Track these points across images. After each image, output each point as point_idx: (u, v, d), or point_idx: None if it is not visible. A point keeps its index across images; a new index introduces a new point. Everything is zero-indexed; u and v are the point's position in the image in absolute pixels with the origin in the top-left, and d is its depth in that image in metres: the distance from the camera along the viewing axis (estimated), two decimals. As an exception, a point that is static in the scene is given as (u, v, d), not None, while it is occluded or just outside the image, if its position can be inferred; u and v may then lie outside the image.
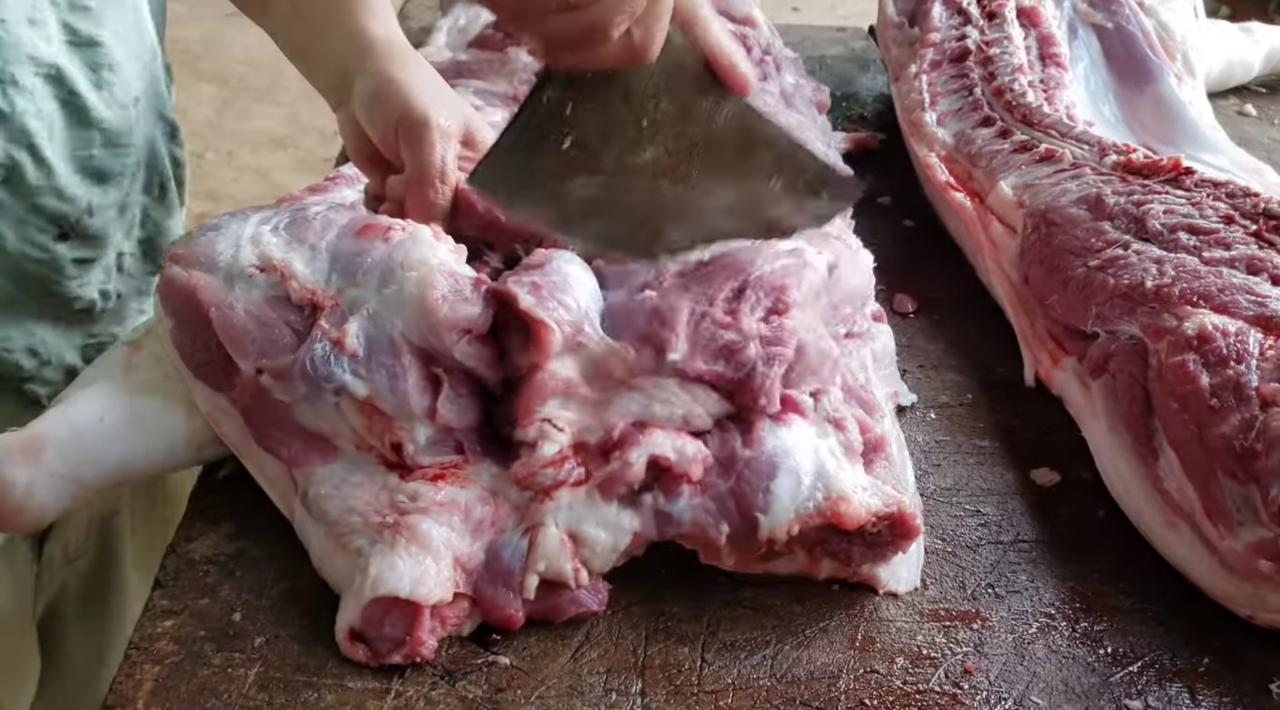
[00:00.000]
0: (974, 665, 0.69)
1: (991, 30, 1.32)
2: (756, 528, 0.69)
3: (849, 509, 0.69)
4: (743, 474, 0.70)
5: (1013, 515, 0.81)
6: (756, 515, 0.69)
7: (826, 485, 0.70)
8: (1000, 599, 0.74)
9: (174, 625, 0.67)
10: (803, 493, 0.70)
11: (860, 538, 0.71)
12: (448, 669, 0.66)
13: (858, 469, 0.73)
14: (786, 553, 0.72)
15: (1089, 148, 1.06)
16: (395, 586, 0.65)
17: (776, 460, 0.70)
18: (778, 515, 0.69)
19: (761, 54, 1.42)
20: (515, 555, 0.69)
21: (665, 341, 0.71)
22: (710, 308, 0.74)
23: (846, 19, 1.63)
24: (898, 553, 0.73)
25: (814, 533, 0.70)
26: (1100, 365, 0.87)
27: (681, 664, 0.67)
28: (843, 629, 0.71)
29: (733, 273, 0.76)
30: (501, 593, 0.68)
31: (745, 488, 0.70)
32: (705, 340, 0.73)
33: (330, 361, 0.69)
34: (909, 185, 1.25)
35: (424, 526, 0.68)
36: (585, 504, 0.70)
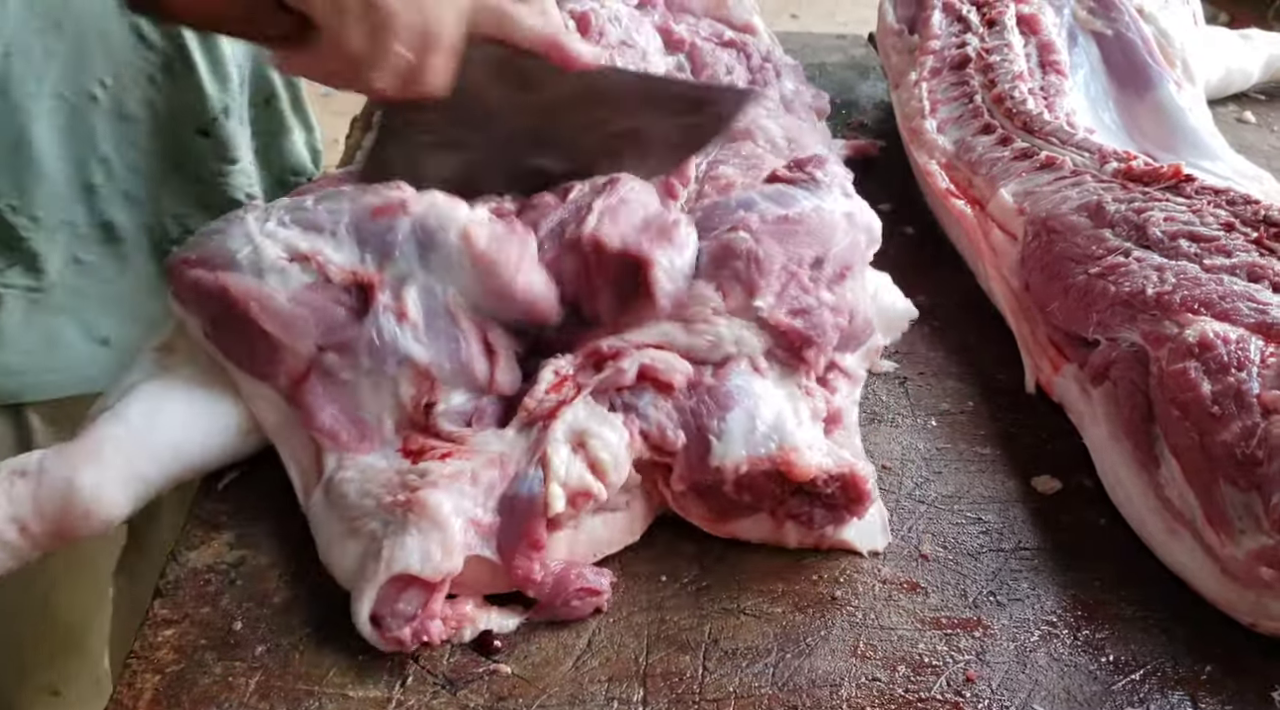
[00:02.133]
0: (976, 673, 0.69)
1: (991, 38, 1.32)
2: (709, 451, 0.73)
3: (799, 460, 0.73)
4: (703, 397, 0.76)
5: (1014, 523, 0.81)
6: (710, 438, 0.74)
7: (782, 436, 0.74)
8: (1002, 607, 0.74)
9: (175, 634, 0.66)
10: (757, 436, 0.74)
11: (819, 500, 0.74)
12: (449, 678, 0.66)
13: (816, 430, 0.77)
14: (746, 509, 0.75)
15: (1089, 155, 1.06)
16: (407, 563, 0.67)
17: (735, 396, 0.76)
18: (730, 447, 0.73)
19: (761, 61, 1.43)
20: (533, 484, 0.71)
21: (756, 287, 0.78)
22: (800, 268, 0.81)
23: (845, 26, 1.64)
24: (854, 517, 0.76)
25: (766, 481, 0.73)
26: (1101, 372, 0.87)
27: (683, 672, 0.67)
28: (844, 637, 0.71)
29: (816, 241, 0.84)
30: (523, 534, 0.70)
31: (704, 409, 0.75)
32: (791, 298, 0.80)
33: (395, 333, 0.74)
34: (909, 192, 1.25)
35: (433, 498, 0.69)
36: (585, 410, 0.74)
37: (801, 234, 0.82)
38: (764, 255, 0.79)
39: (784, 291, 0.79)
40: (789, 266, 0.80)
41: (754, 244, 0.79)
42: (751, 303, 0.78)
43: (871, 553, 0.76)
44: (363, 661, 0.66)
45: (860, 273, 0.86)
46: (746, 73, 1.40)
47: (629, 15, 1.36)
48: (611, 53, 1.30)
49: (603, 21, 1.31)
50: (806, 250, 0.82)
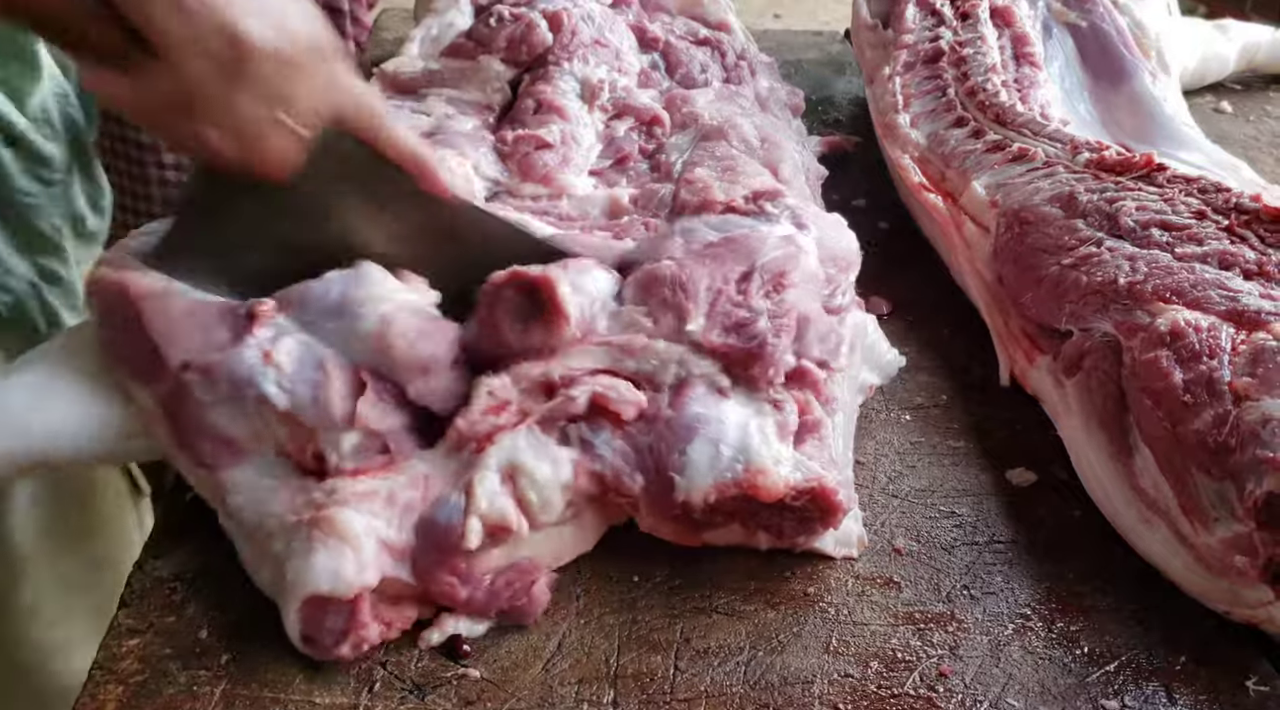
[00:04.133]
0: (949, 668, 0.68)
1: (965, 31, 1.32)
2: (672, 488, 0.72)
3: (766, 481, 0.71)
4: (661, 432, 0.74)
5: (988, 516, 0.80)
6: (672, 476, 0.72)
7: (747, 458, 0.72)
8: (975, 601, 0.73)
9: (139, 644, 0.66)
10: (722, 463, 0.72)
11: (790, 512, 0.73)
12: (417, 683, 0.65)
13: (785, 446, 0.74)
14: (717, 524, 0.73)
15: (1061, 146, 1.06)
16: (315, 585, 0.65)
17: (695, 426, 0.73)
18: (694, 479, 0.72)
19: (736, 59, 1.42)
20: (453, 511, 0.69)
21: (685, 311, 0.76)
22: (725, 285, 0.78)
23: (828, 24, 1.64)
24: (828, 529, 0.75)
25: (735, 504, 0.72)
26: (1074, 363, 0.86)
27: (654, 672, 0.67)
28: (816, 634, 0.70)
29: (741, 256, 0.81)
30: (441, 559, 0.68)
31: (662, 446, 0.73)
32: (721, 316, 0.77)
33: (255, 370, 0.70)
34: (883, 188, 1.25)
35: (342, 517, 0.67)
36: (526, 440, 0.72)
37: (727, 254, 0.81)
38: (688, 278, 0.77)
39: (714, 310, 0.77)
40: (714, 286, 0.78)
41: (677, 269, 0.77)
42: (684, 328, 0.76)
43: (845, 557, 0.75)
44: (328, 667, 0.65)
45: (803, 281, 0.82)
46: (721, 70, 1.40)
47: (602, 14, 1.36)
48: (584, 51, 1.30)
49: (575, 20, 1.31)
50: (732, 267, 0.80)
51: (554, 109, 1.21)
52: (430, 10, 1.43)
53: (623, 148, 1.20)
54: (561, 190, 1.11)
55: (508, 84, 1.29)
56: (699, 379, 0.76)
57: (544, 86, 1.24)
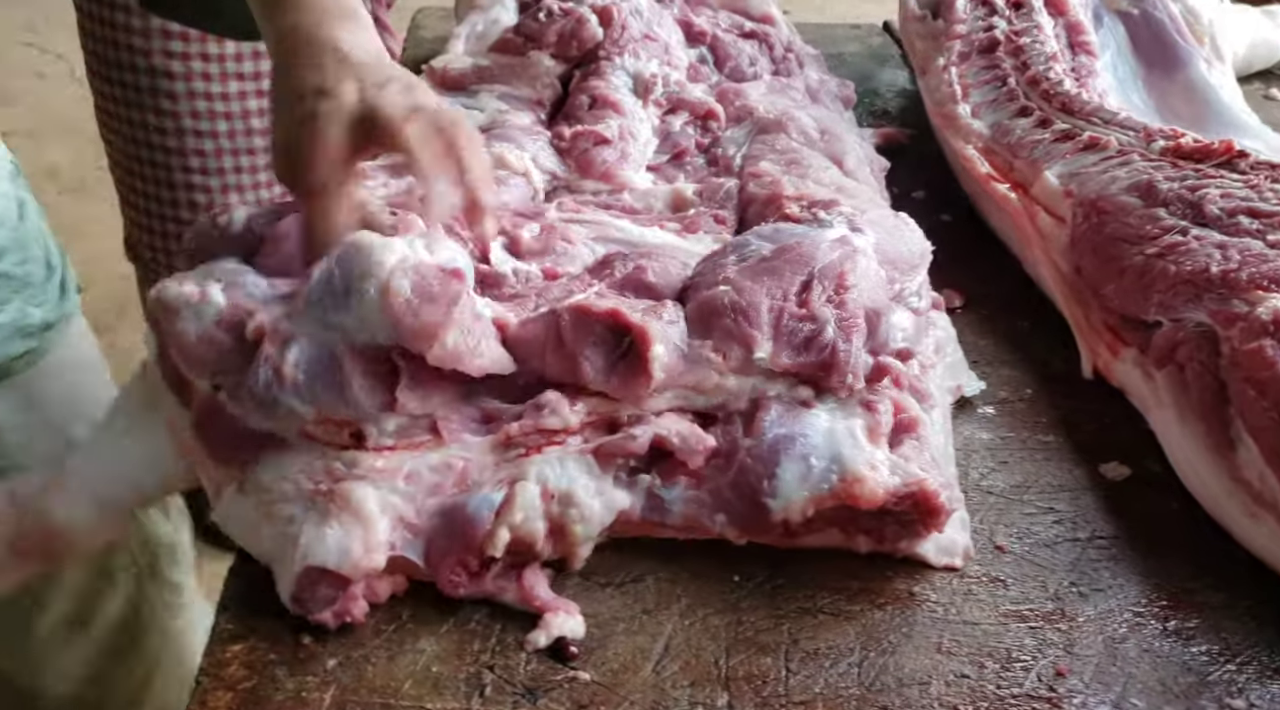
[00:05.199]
0: (1066, 667, 0.67)
1: (1019, 20, 1.31)
2: (767, 513, 0.70)
3: (863, 489, 0.70)
4: (744, 464, 0.72)
5: (1086, 511, 0.79)
6: (765, 501, 0.70)
7: (841, 466, 0.70)
8: (1085, 598, 0.72)
9: (243, 649, 0.64)
10: (815, 475, 0.70)
11: (891, 517, 0.71)
12: (528, 687, 0.64)
13: (880, 448, 0.72)
14: (816, 531, 0.72)
15: (1135, 134, 1.04)
16: (324, 558, 0.65)
17: (779, 447, 0.71)
18: (789, 498, 0.70)
19: (784, 51, 1.41)
20: (484, 505, 0.67)
21: (750, 340, 0.73)
22: (785, 302, 0.75)
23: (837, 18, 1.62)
24: (931, 533, 0.73)
25: (834, 512, 0.70)
26: (1166, 355, 0.84)
27: (766, 675, 0.65)
28: (926, 634, 0.69)
29: (798, 266, 0.77)
30: (455, 549, 0.67)
31: (748, 477, 0.71)
32: (787, 335, 0.74)
33: (273, 388, 0.68)
34: (941, 179, 1.23)
35: (358, 492, 0.66)
36: (578, 467, 0.70)
37: (783, 267, 0.77)
38: (747, 303, 0.74)
39: (779, 331, 0.74)
40: (775, 304, 0.75)
41: (735, 295, 0.74)
42: (752, 357, 0.73)
43: (948, 567, 0.73)
44: (437, 672, 0.64)
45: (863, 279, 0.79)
46: (770, 63, 1.39)
47: (650, 8, 1.35)
48: (634, 45, 1.28)
49: (624, 15, 1.29)
50: (791, 280, 0.76)
51: (609, 104, 1.19)
52: (475, 6, 1.42)
53: (679, 142, 1.18)
54: (623, 185, 1.10)
55: (558, 79, 1.28)
56: (772, 400, 0.74)
57: (597, 82, 1.22)
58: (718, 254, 0.83)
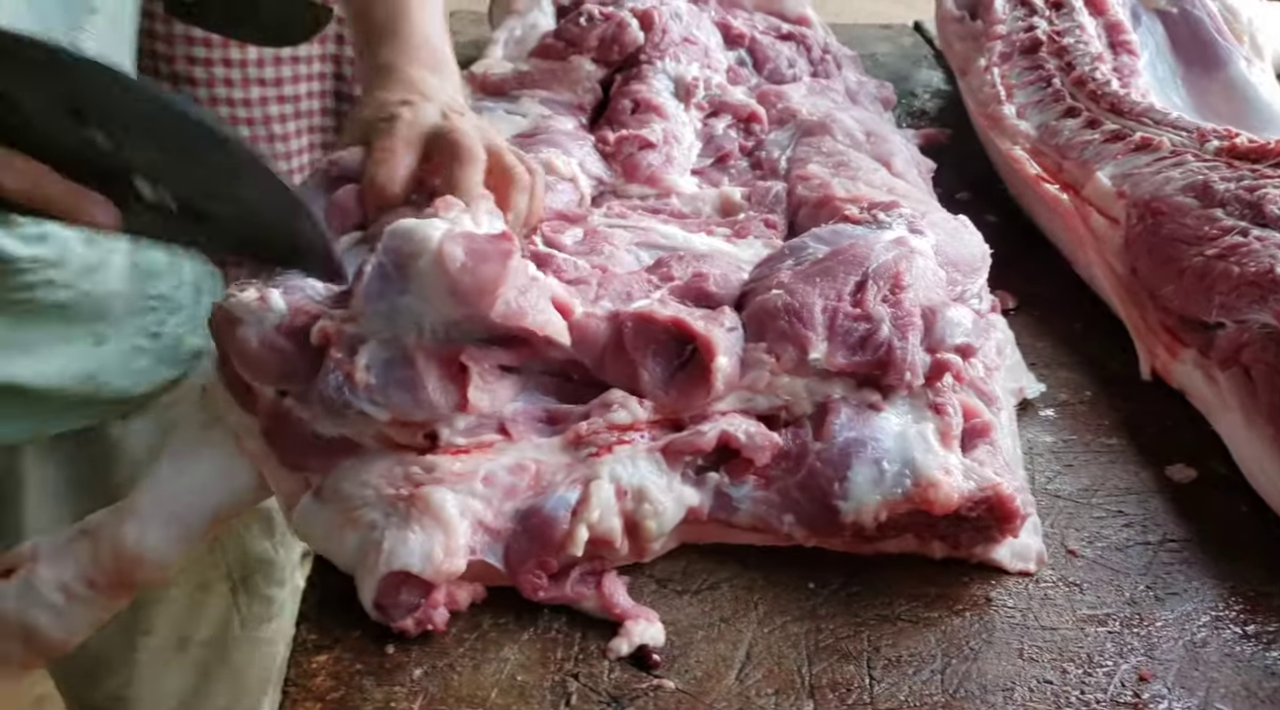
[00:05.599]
0: (1149, 672, 0.66)
1: (1060, 20, 1.30)
2: (837, 514, 0.70)
3: (938, 494, 0.69)
4: (814, 467, 0.71)
5: (1156, 514, 0.79)
6: (836, 503, 0.70)
7: (914, 471, 0.70)
8: (1161, 602, 0.71)
9: (328, 660, 0.64)
10: (888, 479, 0.70)
11: (966, 522, 0.71)
12: (613, 695, 0.63)
13: (951, 453, 0.72)
14: (890, 536, 0.72)
15: (1187, 134, 1.04)
16: (407, 562, 0.65)
17: (849, 451, 0.71)
18: (860, 501, 0.70)
19: (821, 53, 1.41)
20: (560, 505, 0.67)
21: (804, 340, 0.73)
22: (839, 302, 0.75)
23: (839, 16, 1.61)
24: (1006, 537, 0.72)
25: (908, 517, 0.70)
26: (1231, 357, 0.84)
27: (850, 682, 0.65)
28: (1006, 640, 0.68)
29: (853, 266, 0.78)
30: (535, 550, 0.67)
31: (818, 480, 0.71)
32: (842, 335, 0.74)
33: (345, 393, 0.68)
34: (985, 179, 1.23)
35: (438, 496, 0.66)
36: (648, 464, 0.70)
37: (837, 268, 0.77)
38: (800, 304, 0.74)
39: (833, 332, 0.74)
40: (829, 305, 0.75)
41: (788, 297, 0.74)
42: (807, 357, 0.73)
43: (1023, 572, 0.73)
44: (523, 681, 0.64)
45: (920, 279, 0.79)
46: (808, 65, 1.39)
47: (689, 11, 1.34)
48: (675, 49, 1.28)
49: (665, 19, 1.29)
50: (845, 280, 0.76)
51: (652, 108, 1.19)
52: (512, 11, 1.42)
53: (723, 146, 1.18)
54: (669, 189, 1.10)
55: (598, 84, 1.28)
56: (840, 403, 0.74)
57: (639, 85, 1.22)
58: (774, 257, 0.83)
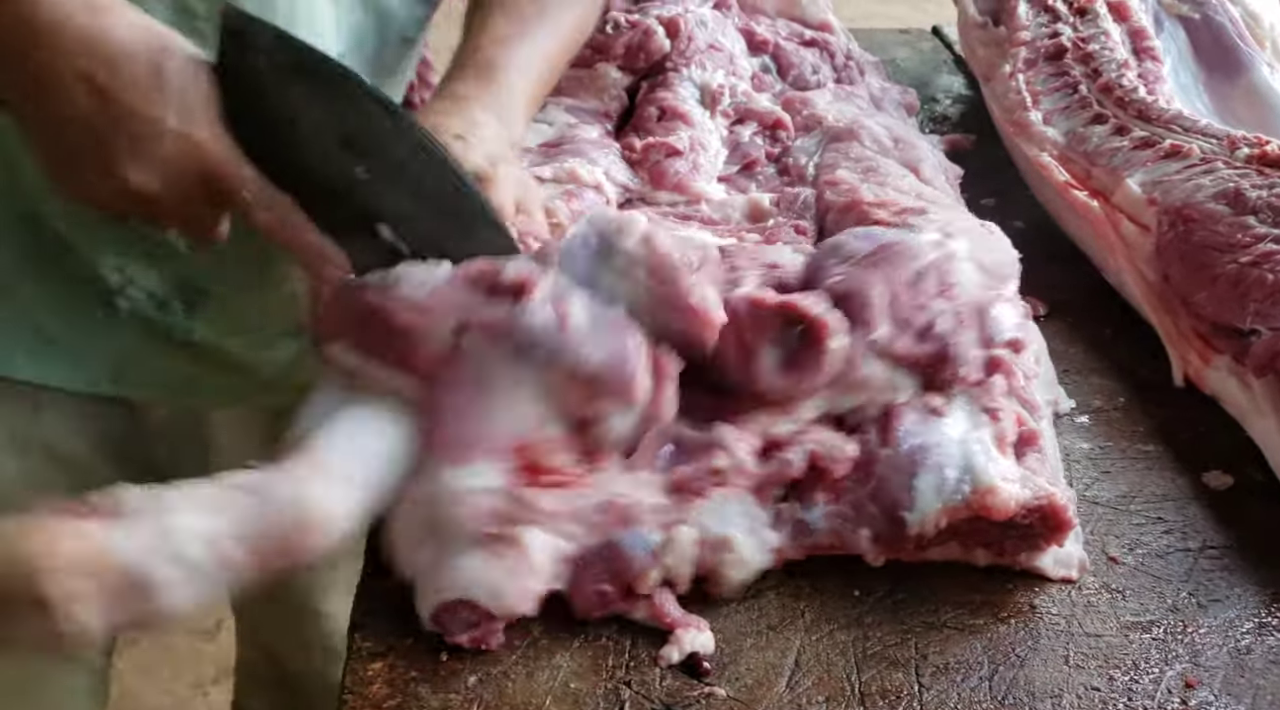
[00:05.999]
0: (1195, 678, 0.67)
1: (1085, 26, 1.31)
2: (904, 526, 0.70)
3: (996, 500, 0.70)
4: (883, 474, 0.72)
5: (1194, 521, 0.79)
6: (903, 514, 0.70)
7: (974, 477, 0.70)
8: (1204, 608, 0.72)
9: (383, 667, 0.65)
10: (949, 486, 0.70)
11: (1013, 529, 0.71)
12: (665, 703, 0.64)
13: (1007, 460, 0.72)
14: (938, 543, 0.72)
15: (1218, 141, 1.04)
16: (477, 595, 0.66)
17: (916, 457, 0.71)
18: (924, 511, 0.70)
19: (844, 59, 1.41)
20: (640, 545, 0.68)
21: (870, 323, 0.74)
22: (898, 291, 0.77)
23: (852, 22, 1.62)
24: (1052, 546, 0.73)
25: (961, 524, 0.70)
26: (1266, 364, 0.85)
27: (899, 690, 0.66)
28: (1052, 646, 0.69)
29: (901, 261, 0.79)
30: (606, 582, 0.68)
31: (887, 487, 0.71)
32: (902, 321, 0.76)
33: (550, 323, 0.67)
34: (1011, 186, 1.23)
35: (526, 538, 0.67)
36: (741, 511, 0.71)
37: (889, 259, 0.79)
38: (862, 287, 0.75)
39: (895, 318, 0.75)
40: (891, 288, 0.76)
41: (851, 283, 0.76)
42: (869, 337, 0.74)
43: (1065, 579, 0.73)
44: (576, 689, 0.64)
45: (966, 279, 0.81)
46: (832, 71, 1.39)
47: (714, 19, 1.35)
48: (700, 56, 1.29)
49: (691, 26, 1.30)
50: (900, 270, 0.78)
51: (678, 116, 1.20)
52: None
53: (749, 152, 1.19)
54: (698, 196, 1.11)
55: (624, 91, 1.29)
56: (905, 407, 0.75)
57: (665, 93, 1.23)
58: (820, 255, 0.83)
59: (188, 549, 0.59)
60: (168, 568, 0.59)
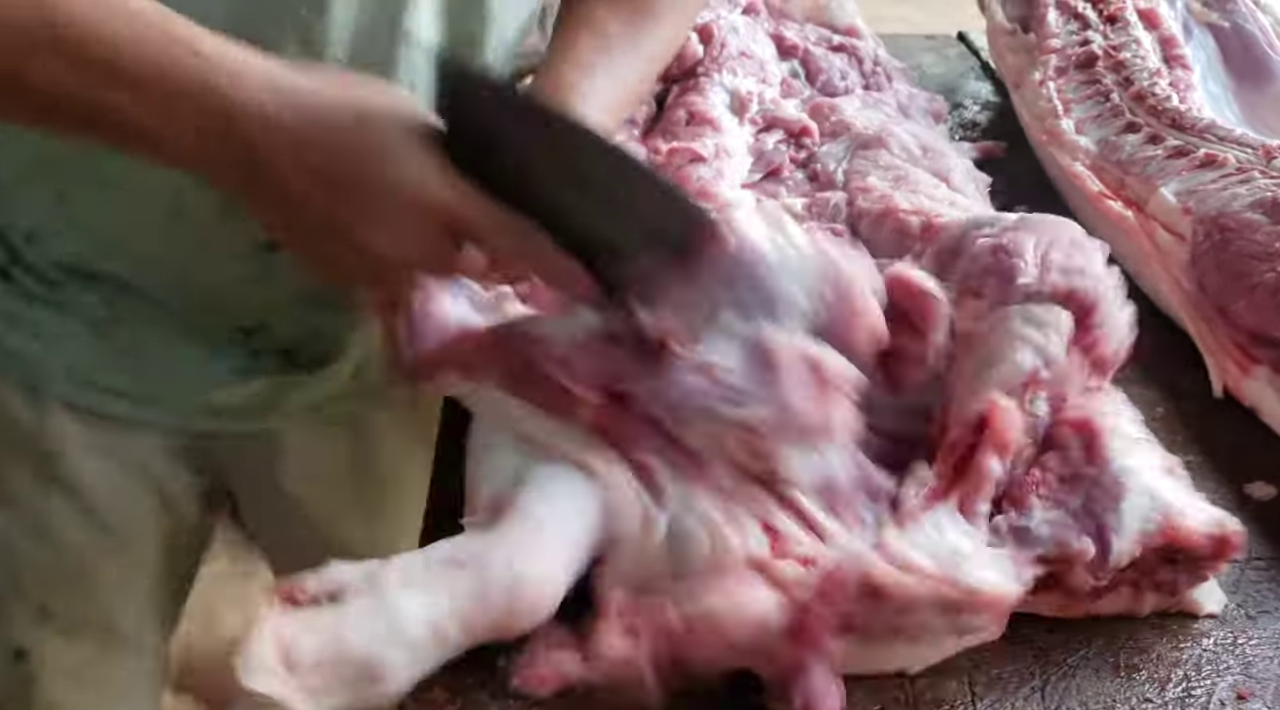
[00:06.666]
0: (1247, 690, 0.67)
1: (1115, 34, 1.31)
2: (1109, 550, 0.67)
3: (1186, 526, 0.68)
4: (1091, 493, 0.69)
5: (1240, 532, 0.79)
6: (1111, 537, 0.67)
7: (1164, 506, 0.69)
8: (1252, 620, 0.72)
9: (442, 672, 0.65)
10: (1143, 514, 0.68)
11: (1186, 563, 0.70)
12: None
13: (1185, 486, 0.72)
14: (1111, 589, 0.70)
15: (1253, 151, 1.04)
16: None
17: (1123, 481, 0.69)
18: (1126, 536, 0.68)
19: (872, 65, 1.42)
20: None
21: (1014, 268, 0.74)
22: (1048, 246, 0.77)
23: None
24: (1215, 573, 0.72)
25: (1149, 558, 0.69)
26: (1307, 374, 0.85)
27: (953, 700, 0.66)
28: (1104, 656, 0.69)
29: (1039, 233, 0.79)
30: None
31: (1095, 507, 0.69)
32: (1051, 265, 0.75)
33: (699, 391, 0.65)
34: (1040, 193, 1.23)
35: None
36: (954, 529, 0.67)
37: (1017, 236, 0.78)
38: (1009, 242, 0.76)
39: (1045, 259, 0.75)
40: (1040, 243, 0.76)
41: (999, 239, 0.76)
42: (1015, 283, 0.73)
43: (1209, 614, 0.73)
44: (631, 692, 0.65)
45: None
46: (860, 77, 1.39)
47: (745, 25, 1.35)
48: (732, 63, 1.29)
49: (723, 33, 1.30)
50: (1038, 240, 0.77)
51: (707, 121, 1.20)
52: (563, 24, 1.43)
53: (773, 160, 1.19)
54: (721, 204, 1.11)
55: (652, 96, 1.29)
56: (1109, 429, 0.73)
57: (695, 98, 1.23)
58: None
59: (412, 632, 0.59)
60: (394, 652, 0.58)
